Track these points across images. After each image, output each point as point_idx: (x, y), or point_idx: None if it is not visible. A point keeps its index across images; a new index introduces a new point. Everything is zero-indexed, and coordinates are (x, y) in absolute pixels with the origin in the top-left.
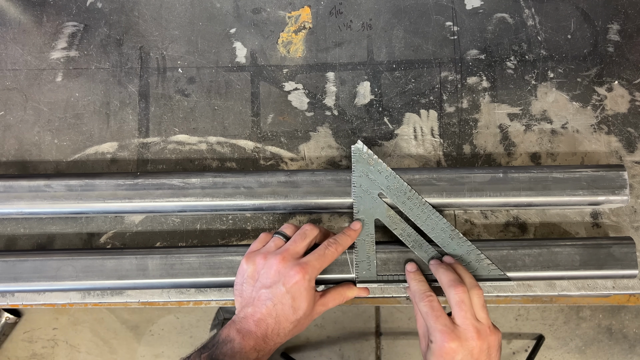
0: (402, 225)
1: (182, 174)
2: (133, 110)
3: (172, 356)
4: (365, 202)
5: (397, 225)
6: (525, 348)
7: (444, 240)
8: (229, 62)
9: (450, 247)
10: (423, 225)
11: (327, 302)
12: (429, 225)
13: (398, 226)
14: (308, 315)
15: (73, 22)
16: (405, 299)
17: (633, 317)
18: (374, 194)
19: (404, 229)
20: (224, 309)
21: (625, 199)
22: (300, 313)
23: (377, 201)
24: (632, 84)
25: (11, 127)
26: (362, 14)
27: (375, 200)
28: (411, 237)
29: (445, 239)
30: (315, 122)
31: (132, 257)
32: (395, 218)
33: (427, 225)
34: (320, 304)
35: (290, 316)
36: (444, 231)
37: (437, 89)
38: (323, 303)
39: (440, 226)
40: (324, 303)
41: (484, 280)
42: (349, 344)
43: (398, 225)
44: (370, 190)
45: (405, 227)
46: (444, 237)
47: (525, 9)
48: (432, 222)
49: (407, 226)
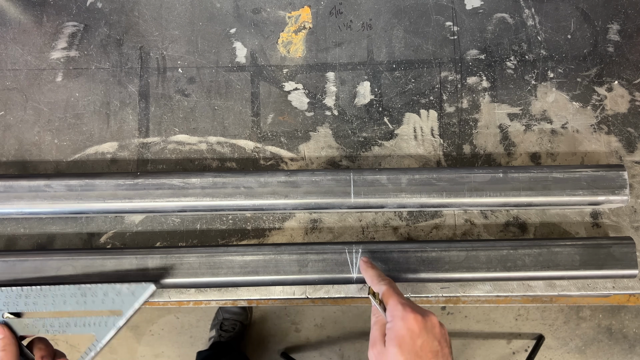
0: (42, 323)
1: (182, 174)
2: (133, 110)
3: (172, 356)
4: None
5: (37, 328)
6: (525, 348)
7: (81, 301)
8: (229, 62)
9: (90, 302)
10: (55, 306)
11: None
12: (61, 301)
13: (38, 327)
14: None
15: (73, 22)
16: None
17: (633, 317)
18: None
19: (44, 323)
20: (224, 309)
21: (625, 199)
22: None
23: (10, 320)
24: (632, 84)
25: (11, 127)
26: (362, 14)
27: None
28: (55, 324)
29: (81, 298)
30: (315, 122)
31: (132, 257)
32: (31, 323)
33: (59, 303)
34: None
35: None
36: (74, 295)
37: (437, 89)
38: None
39: (68, 292)
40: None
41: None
42: (349, 344)
43: (38, 326)
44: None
45: (45, 322)
46: (79, 298)
47: (525, 9)
48: (61, 297)
49: (46, 320)
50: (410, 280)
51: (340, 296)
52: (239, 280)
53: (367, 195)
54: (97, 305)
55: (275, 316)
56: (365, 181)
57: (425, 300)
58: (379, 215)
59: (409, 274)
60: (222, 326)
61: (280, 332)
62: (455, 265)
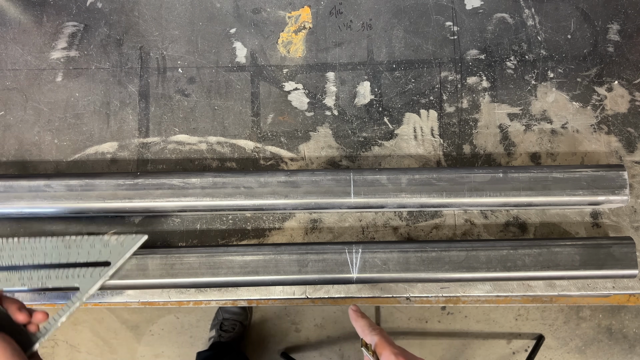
0: (18, 276)
1: (182, 174)
2: (133, 110)
3: (172, 356)
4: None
5: (12, 281)
6: (525, 348)
7: (64, 254)
8: (229, 62)
9: (74, 254)
10: (35, 259)
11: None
12: (41, 254)
13: (14, 281)
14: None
15: (73, 22)
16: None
17: (633, 317)
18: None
19: (21, 276)
20: (224, 309)
21: (625, 199)
22: None
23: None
24: (632, 84)
25: (11, 127)
26: (362, 14)
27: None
28: (34, 277)
29: (64, 251)
30: (315, 122)
31: (132, 257)
32: (4, 277)
33: (39, 255)
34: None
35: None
36: (56, 247)
37: (437, 89)
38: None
39: (50, 245)
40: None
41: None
42: (349, 344)
43: (13, 280)
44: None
45: (22, 274)
46: (62, 251)
47: (525, 9)
48: (41, 249)
49: (23, 272)
50: (410, 280)
51: (340, 296)
52: (239, 280)
53: (367, 195)
54: (83, 257)
55: (275, 316)
56: (365, 181)
57: (425, 300)
58: (379, 215)
59: (409, 274)
60: (222, 326)
61: (280, 332)
62: (455, 265)
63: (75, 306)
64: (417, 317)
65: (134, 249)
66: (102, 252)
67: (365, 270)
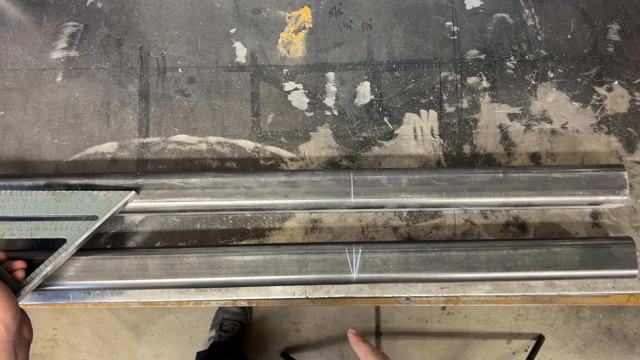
0: (7, 226)
1: (182, 174)
2: (133, 110)
3: (172, 356)
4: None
5: (2, 230)
6: (525, 348)
7: (54, 207)
8: (229, 62)
9: (63, 207)
10: (25, 211)
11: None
12: (32, 206)
13: (4, 231)
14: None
15: (73, 22)
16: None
17: (633, 317)
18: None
19: (11, 227)
20: (224, 309)
21: (625, 199)
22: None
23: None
24: (632, 84)
25: (11, 127)
26: (362, 14)
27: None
28: (23, 228)
29: (54, 204)
30: (315, 122)
31: (132, 257)
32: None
33: (30, 207)
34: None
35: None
36: (46, 200)
37: (437, 89)
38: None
39: (41, 198)
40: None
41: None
42: (349, 344)
43: (3, 230)
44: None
45: (12, 224)
46: (51, 204)
47: (525, 9)
48: (32, 201)
49: (13, 223)
50: (410, 280)
51: (340, 296)
52: (239, 280)
53: (367, 195)
54: (72, 210)
55: (275, 316)
56: (365, 181)
57: (425, 300)
58: (379, 215)
59: (408, 274)
60: (222, 326)
61: (280, 332)
62: (455, 265)
63: (62, 257)
64: (417, 317)
65: (121, 203)
66: (90, 206)
67: (365, 270)
